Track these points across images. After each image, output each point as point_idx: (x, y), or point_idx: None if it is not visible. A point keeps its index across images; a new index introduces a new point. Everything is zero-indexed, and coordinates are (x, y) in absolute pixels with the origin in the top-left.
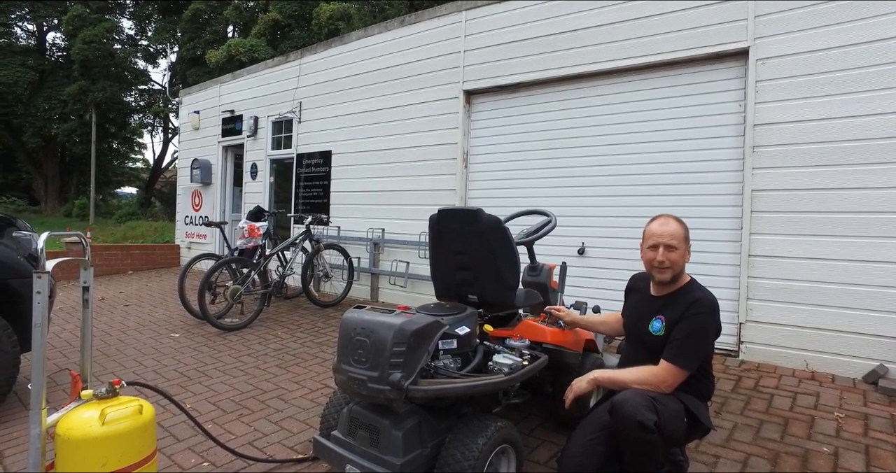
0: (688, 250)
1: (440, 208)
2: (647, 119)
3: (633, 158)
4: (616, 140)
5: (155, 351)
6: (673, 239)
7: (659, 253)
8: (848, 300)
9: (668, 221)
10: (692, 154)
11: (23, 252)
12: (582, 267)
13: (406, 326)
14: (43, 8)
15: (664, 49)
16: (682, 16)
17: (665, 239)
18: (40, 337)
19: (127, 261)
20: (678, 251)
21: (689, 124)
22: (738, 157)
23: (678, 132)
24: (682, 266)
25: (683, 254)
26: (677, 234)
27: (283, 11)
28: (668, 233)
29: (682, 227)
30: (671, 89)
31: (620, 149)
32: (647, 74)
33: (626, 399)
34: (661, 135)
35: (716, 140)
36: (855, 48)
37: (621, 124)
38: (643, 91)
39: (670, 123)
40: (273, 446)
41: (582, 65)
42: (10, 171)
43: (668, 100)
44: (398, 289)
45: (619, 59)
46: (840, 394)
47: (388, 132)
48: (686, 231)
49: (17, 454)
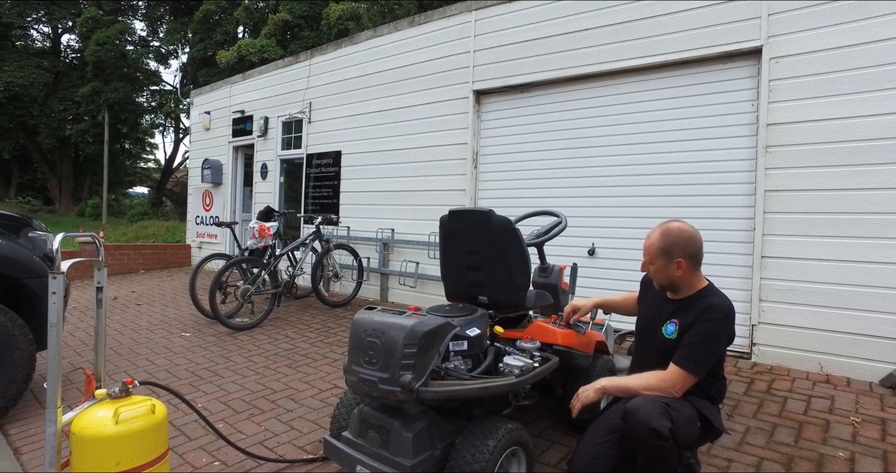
0: (672, 264)
1: (450, 209)
2: (659, 119)
3: (643, 158)
4: (627, 140)
5: (167, 351)
6: (646, 254)
7: (643, 265)
8: (864, 302)
9: (651, 233)
10: (704, 154)
11: (38, 252)
12: (592, 268)
13: (417, 327)
14: (58, 10)
15: (676, 48)
16: (695, 14)
17: (643, 252)
18: (56, 337)
19: (139, 261)
20: (654, 266)
21: (700, 124)
22: (750, 157)
23: (690, 132)
24: (668, 279)
25: (663, 269)
26: (649, 249)
27: (293, 12)
28: (644, 247)
29: (660, 240)
30: (683, 89)
31: (631, 150)
32: (658, 74)
33: (639, 406)
34: (672, 135)
35: (728, 140)
36: (873, 45)
37: (632, 124)
38: (654, 91)
39: (682, 123)
40: (283, 446)
41: (592, 64)
42: (26, 172)
43: (679, 99)
44: (408, 290)
45: (629, 59)
46: (856, 398)
47: (397, 132)
48: (664, 244)
49: (34, 451)
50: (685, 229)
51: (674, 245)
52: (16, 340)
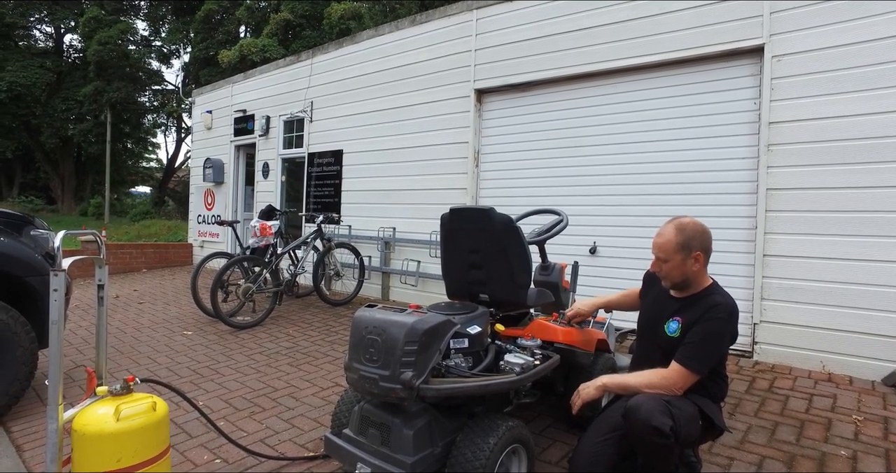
0: (690, 258)
1: (452, 207)
2: (660, 118)
3: (645, 157)
4: (628, 138)
5: (168, 349)
6: (660, 252)
7: (654, 263)
8: (866, 301)
9: (664, 231)
10: (705, 152)
11: (40, 250)
12: (594, 266)
13: (418, 325)
14: (60, 10)
15: (678, 46)
16: (697, 12)
17: (655, 251)
18: (57, 334)
19: (141, 260)
20: (669, 263)
21: (702, 122)
22: (752, 156)
23: (691, 131)
24: (683, 276)
25: (680, 265)
26: (665, 246)
27: (295, 11)
28: (657, 245)
29: (677, 235)
30: (685, 87)
31: (633, 148)
32: (659, 72)
33: (640, 403)
34: (673, 133)
35: (730, 138)
36: (875, 43)
37: (634, 122)
38: (656, 89)
39: (683, 122)
40: (284, 443)
41: (594, 63)
42: (29, 172)
43: (681, 98)
44: (409, 288)
45: (630, 58)
46: (858, 397)
47: (398, 131)
48: (683, 239)
49: (36, 449)
50: (698, 222)
51: (692, 239)
52: (18, 338)
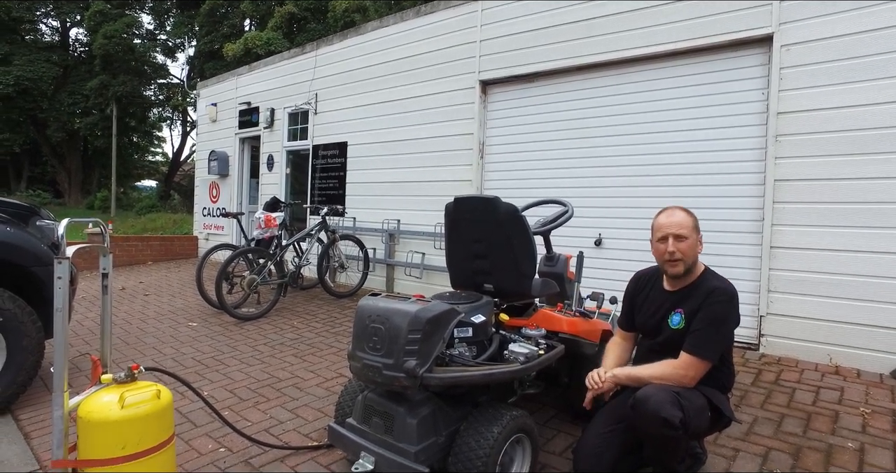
0: (700, 240)
1: (456, 196)
2: (667, 108)
3: (652, 148)
4: (635, 129)
5: (173, 340)
6: (682, 229)
7: (669, 244)
8: (874, 293)
9: (675, 212)
10: (713, 143)
11: (46, 240)
12: (599, 258)
13: (421, 313)
14: (66, 4)
15: (685, 36)
16: (704, 1)
17: (673, 230)
18: (62, 322)
19: (147, 252)
20: (688, 240)
21: (709, 113)
22: (760, 147)
23: (698, 121)
24: (695, 257)
25: (694, 244)
26: (685, 223)
27: (300, 4)
28: (676, 223)
29: (691, 217)
30: (691, 77)
31: (639, 139)
32: (666, 62)
33: (649, 395)
34: (681, 124)
35: (737, 129)
36: (886, 32)
37: (639, 113)
38: (662, 79)
39: (690, 112)
40: (288, 433)
41: (600, 53)
42: (36, 165)
43: (688, 88)
44: (413, 280)
45: (637, 48)
46: (866, 389)
47: (403, 123)
48: (695, 220)
49: (44, 436)
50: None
51: (697, 220)
52: (24, 327)
